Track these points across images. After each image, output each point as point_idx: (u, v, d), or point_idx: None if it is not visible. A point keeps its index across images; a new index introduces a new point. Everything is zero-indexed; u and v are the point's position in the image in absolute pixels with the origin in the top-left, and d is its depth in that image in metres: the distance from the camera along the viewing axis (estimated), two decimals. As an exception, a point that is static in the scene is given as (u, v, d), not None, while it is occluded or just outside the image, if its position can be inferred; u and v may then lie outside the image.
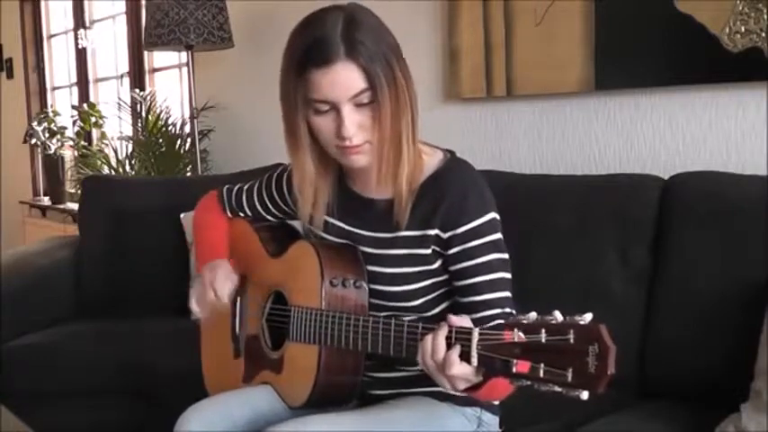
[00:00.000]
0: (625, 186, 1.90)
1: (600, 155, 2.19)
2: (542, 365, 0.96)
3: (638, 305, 1.80)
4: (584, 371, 0.93)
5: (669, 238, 1.78)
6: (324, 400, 1.41)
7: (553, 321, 0.98)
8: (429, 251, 1.37)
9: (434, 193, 1.36)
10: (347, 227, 1.45)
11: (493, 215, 1.35)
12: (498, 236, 1.35)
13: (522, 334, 1.00)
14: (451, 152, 1.43)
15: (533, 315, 1.01)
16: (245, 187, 1.66)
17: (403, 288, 1.39)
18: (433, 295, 1.40)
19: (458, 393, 1.16)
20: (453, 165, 1.40)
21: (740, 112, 1.91)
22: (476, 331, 1.06)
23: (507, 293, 1.34)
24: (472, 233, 1.33)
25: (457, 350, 1.08)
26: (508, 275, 1.35)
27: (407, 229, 1.37)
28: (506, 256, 1.36)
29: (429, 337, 1.13)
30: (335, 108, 1.28)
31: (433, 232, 1.36)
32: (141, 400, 2.36)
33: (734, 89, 1.91)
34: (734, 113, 1.92)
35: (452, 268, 1.36)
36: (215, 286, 1.54)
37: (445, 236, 1.35)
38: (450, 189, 1.35)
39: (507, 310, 1.31)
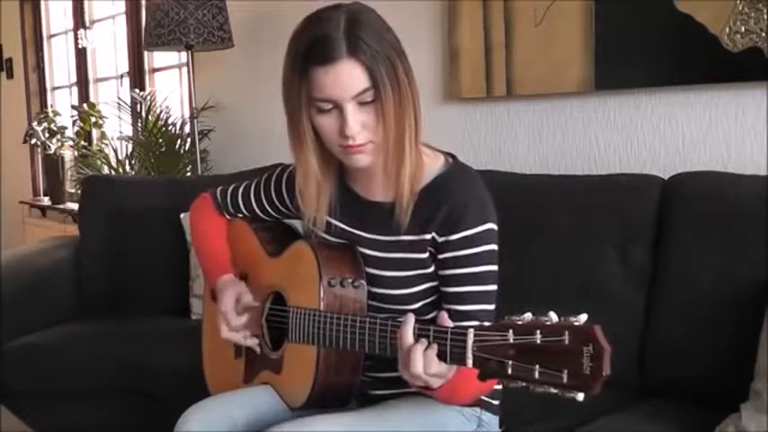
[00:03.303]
0: (625, 186, 1.90)
1: (600, 155, 2.19)
2: (537, 367, 0.96)
3: (637, 305, 1.80)
4: (579, 372, 0.93)
5: (669, 238, 1.78)
6: (324, 400, 1.41)
7: (548, 322, 0.98)
8: (426, 255, 1.37)
9: (436, 198, 1.35)
10: (349, 228, 1.45)
11: (490, 225, 1.34)
12: (492, 247, 1.34)
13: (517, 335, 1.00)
14: (453, 156, 1.42)
15: (528, 316, 1.01)
16: (241, 188, 1.64)
17: (401, 291, 1.39)
18: (431, 299, 1.40)
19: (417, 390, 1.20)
20: (456, 171, 1.39)
21: (740, 112, 1.91)
22: (471, 332, 1.06)
23: (490, 306, 1.33)
24: (466, 241, 1.33)
25: (434, 348, 1.11)
26: (493, 288, 1.35)
27: (407, 233, 1.37)
28: (496, 267, 1.35)
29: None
30: (338, 107, 1.28)
31: (429, 236, 1.35)
32: (141, 400, 2.36)
33: (734, 89, 1.91)
34: (734, 113, 1.92)
35: (441, 273, 1.36)
36: (227, 318, 1.53)
37: (440, 240, 1.35)
38: (452, 195, 1.34)
39: (486, 324, 1.30)
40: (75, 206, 4.12)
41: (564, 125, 2.27)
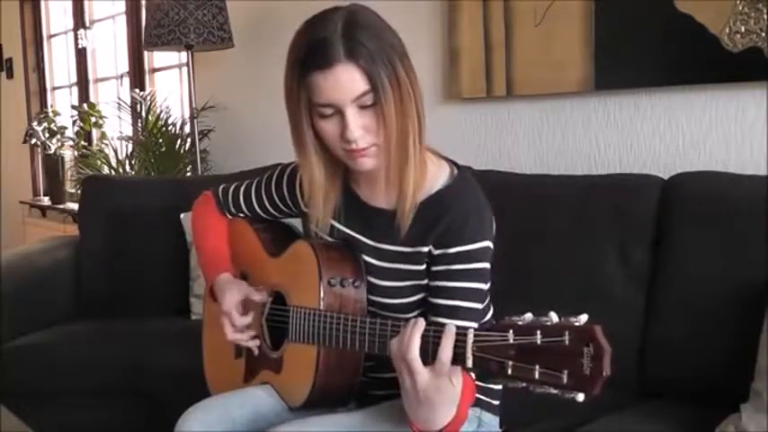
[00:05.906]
0: (625, 186, 1.90)
1: (600, 155, 2.19)
2: (537, 367, 0.96)
3: (637, 305, 1.79)
4: (579, 373, 0.92)
5: (669, 238, 1.78)
6: (323, 400, 1.41)
7: (548, 323, 0.98)
8: (423, 267, 1.36)
9: (437, 211, 1.34)
10: (352, 233, 1.45)
11: (487, 244, 1.34)
12: (485, 265, 1.34)
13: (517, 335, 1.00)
14: (459, 167, 1.41)
15: (529, 316, 1.01)
16: (242, 188, 1.64)
17: (399, 301, 1.39)
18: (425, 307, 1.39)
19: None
20: (460, 185, 1.37)
21: (740, 112, 1.91)
22: (471, 332, 1.06)
23: (474, 324, 1.32)
24: (462, 256, 1.32)
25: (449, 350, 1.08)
26: (480, 306, 1.35)
27: (406, 243, 1.36)
28: (486, 287, 1.35)
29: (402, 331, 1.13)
30: (339, 111, 1.27)
31: (426, 249, 1.35)
32: (141, 400, 2.36)
33: (734, 89, 1.91)
34: (734, 113, 1.92)
35: (432, 284, 1.35)
36: (232, 318, 1.52)
37: (436, 252, 1.34)
38: (453, 210, 1.33)
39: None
40: (75, 206, 4.13)
41: (564, 125, 2.27)
